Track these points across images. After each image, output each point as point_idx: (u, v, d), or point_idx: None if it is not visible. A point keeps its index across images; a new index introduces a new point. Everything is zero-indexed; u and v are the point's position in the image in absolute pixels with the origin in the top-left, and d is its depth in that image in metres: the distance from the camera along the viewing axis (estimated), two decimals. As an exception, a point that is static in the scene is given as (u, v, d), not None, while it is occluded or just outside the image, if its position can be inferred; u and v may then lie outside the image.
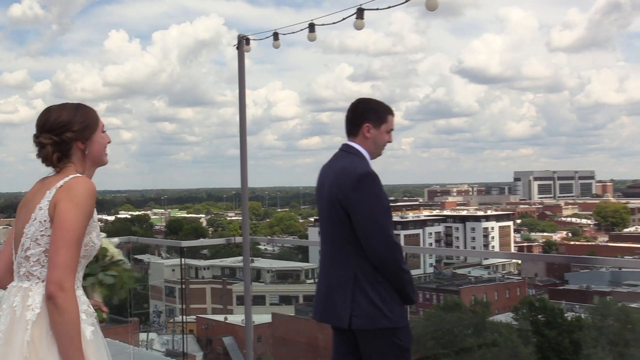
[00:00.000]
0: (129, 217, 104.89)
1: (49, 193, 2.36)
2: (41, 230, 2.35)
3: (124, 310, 7.28)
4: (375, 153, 3.50)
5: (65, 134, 2.43)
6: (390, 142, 3.50)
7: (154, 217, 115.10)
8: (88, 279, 2.77)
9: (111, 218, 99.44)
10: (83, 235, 2.35)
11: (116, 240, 2.88)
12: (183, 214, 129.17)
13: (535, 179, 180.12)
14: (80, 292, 2.46)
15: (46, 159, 2.45)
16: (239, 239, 6.24)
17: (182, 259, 6.18)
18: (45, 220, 2.35)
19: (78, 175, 2.41)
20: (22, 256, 2.39)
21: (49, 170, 2.51)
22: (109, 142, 2.59)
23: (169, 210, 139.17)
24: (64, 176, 2.40)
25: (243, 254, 6.02)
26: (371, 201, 3.31)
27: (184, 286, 6.99)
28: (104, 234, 2.88)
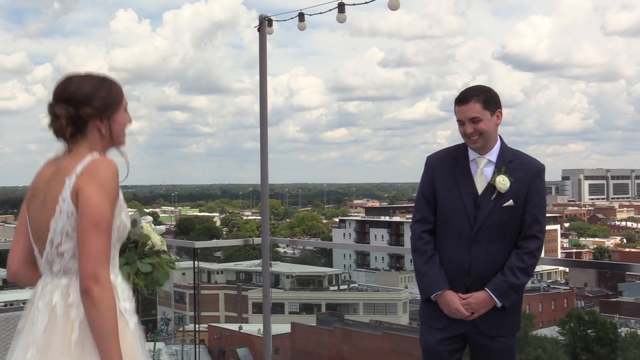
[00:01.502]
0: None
1: (68, 181, 2.34)
2: (71, 223, 2.35)
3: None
4: (467, 143, 3.57)
5: (84, 108, 2.41)
6: (464, 133, 3.52)
7: (163, 215, 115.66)
8: (124, 268, 2.80)
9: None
10: (112, 220, 2.34)
11: (162, 228, 2.88)
12: (195, 212, 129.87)
13: (586, 177, 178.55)
14: (119, 279, 2.48)
15: (58, 132, 2.43)
16: (257, 241, 6.27)
17: (196, 262, 6.20)
18: (73, 212, 2.33)
19: (95, 155, 2.39)
20: (55, 253, 2.39)
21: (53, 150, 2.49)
22: (130, 122, 2.55)
23: (180, 208, 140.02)
24: (80, 158, 2.37)
25: (262, 257, 6.02)
26: None
27: (196, 291, 6.99)
28: (149, 218, 2.89)
